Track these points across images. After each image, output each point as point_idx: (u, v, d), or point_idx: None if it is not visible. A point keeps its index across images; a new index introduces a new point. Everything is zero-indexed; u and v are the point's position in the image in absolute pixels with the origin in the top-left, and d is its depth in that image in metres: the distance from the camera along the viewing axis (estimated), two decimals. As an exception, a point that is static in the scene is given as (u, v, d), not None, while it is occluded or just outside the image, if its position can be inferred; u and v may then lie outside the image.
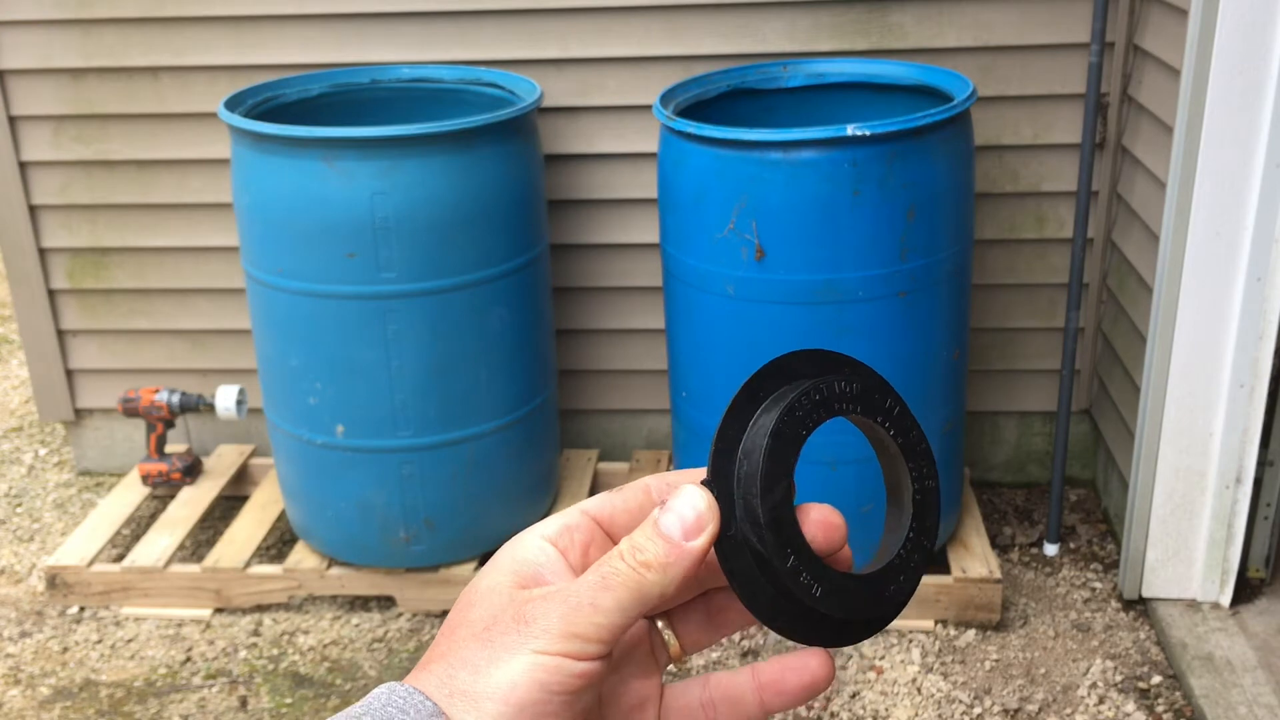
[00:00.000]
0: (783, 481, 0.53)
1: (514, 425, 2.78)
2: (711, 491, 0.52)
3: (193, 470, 3.20)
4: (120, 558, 3.02)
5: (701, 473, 0.55)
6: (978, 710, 2.51)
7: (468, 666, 0.50)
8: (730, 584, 0.53)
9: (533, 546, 0.54)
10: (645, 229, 3.05)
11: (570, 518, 0.55)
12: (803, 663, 0.55)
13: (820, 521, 0.55)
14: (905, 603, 0.56)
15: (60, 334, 3.34)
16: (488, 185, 2.58)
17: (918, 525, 0.57)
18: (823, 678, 0.55)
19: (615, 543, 0.54)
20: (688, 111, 2.63)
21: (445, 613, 2.84)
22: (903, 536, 0.57)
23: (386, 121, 2.83)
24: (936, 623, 2.75)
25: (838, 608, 0.53)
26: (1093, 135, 2.78)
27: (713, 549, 0.52)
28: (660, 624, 0.57)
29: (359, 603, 2.91)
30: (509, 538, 0.55)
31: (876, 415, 0.56)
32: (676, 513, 0.52)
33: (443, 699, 0.49)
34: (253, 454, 3.34)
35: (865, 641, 2.72)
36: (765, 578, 0.52)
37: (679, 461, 2.87)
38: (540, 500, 2.99)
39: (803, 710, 2.52)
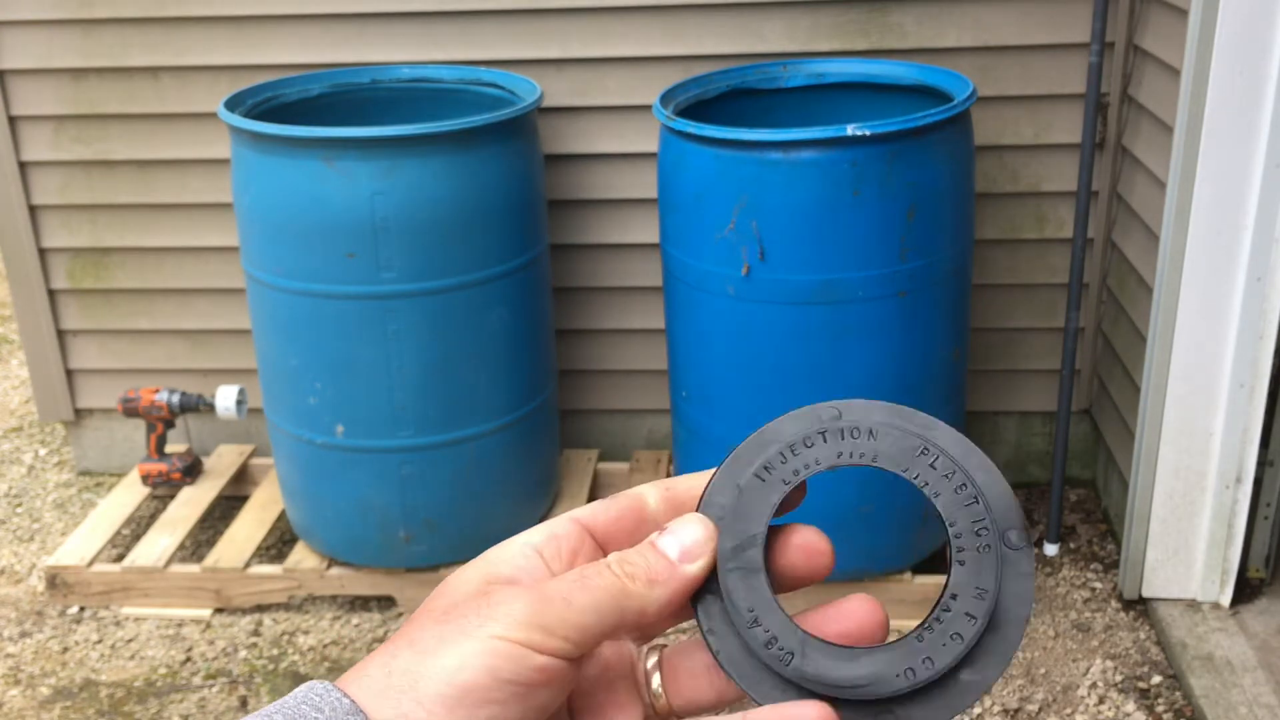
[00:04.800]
0: (755, 523, 0.50)
1: (514, 425, 2.78)
2: (710, 517, 0.50)
3: (193, 470, 3.20)
4: (120, 558, 3.02)
5: (705, 476, 0.53)
6: (977, 710, 2.51)
7: (415, 647, 0.47)
8: (697, 620, 0.50)
9: (513, 551, 0.51)
10: (645, 229, 3.05)
11: (558, 526, 0.52)
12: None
13: (802, 545, 0.51)
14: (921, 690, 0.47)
15: (60, 334, 3.34)
16: (488, 185, 2.59)
17: (944, 612, 0.49)
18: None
19: (605, 553, 0.52)
20: (688, 112, 2.63)
21: (445, 613, 2.85)
22: (918, 626, 0.49)
23: (387, 121, 2.83)
24: (936, 623, 2.75)
25: (799, 675, 0.48)
26: (1093, 135, 2.78)
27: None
28: (650, 662, 0.53)
29: (359, 603, 2.91)
30: (509, 537, 0.53)
31: (905, 469, 0.50)
32: (675, 535, 0.50)
33: (376, 687, 0.46)
34: (253, 454, 3.34)
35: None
36: (727, 622, 0.50)
37: (679, 461, 2.87)
38: (540, 500, 2.99)
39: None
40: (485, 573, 0.50)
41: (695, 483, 0.53)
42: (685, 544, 0.50)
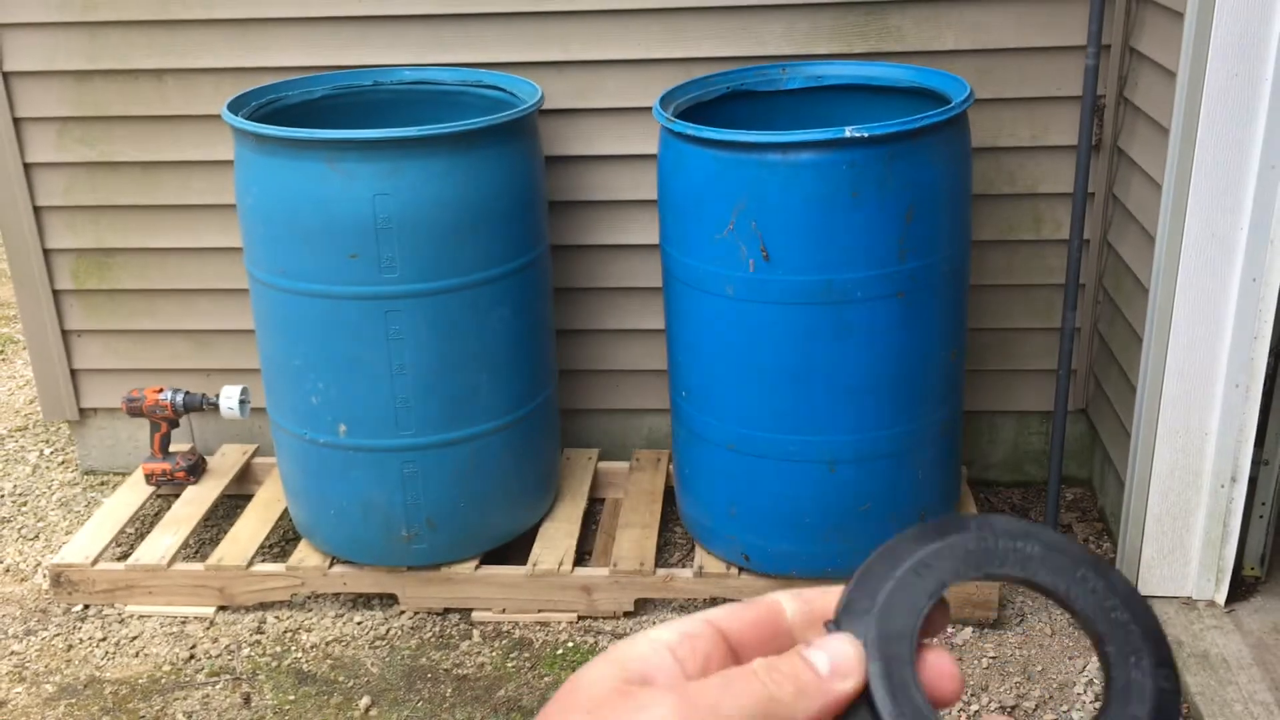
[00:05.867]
0: (906, 620, 0.48)
1: (515, 425, 2.80)
2: (841, 625, 0.49)
3: (196, 469, 3.23)
4: (124, 556, 3.04)
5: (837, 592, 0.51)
6: (975, 708, 2.53)
7: None
8: None
9: (645, 648, 0.49)
10: (645, 230, 3.07)
11: (692, 626, 0.50)
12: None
13: (933, 665, 0.49)
14: None
15: (64, 334, 3.36)
16: (489, 186, 2.61)
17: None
18: None
19: (738, 659, 0.50)
20: (687, 113, 2.65)
21: (447, 610, 2.87)
22: None
23: (388, 123, 2.85)
24: (934, 621, 2.76)
25: None
26: (1089, 137, 2.80)
27: None
28: None
29: (361, 601, 2.93)
30: (510, 536, 0.51)
31: (1060, 585, 0.49)
32: (825, 650, 0.48)
33: None
34: (256, 453, 3.37)
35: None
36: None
37: (679, 461, 2.89)
38: (541, 499, 3.01)
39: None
40: (619, 670, 0.48)
41: (834, 599, 0.51)
42: (836, 660, 0.47)
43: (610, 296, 3.20)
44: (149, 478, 3.20)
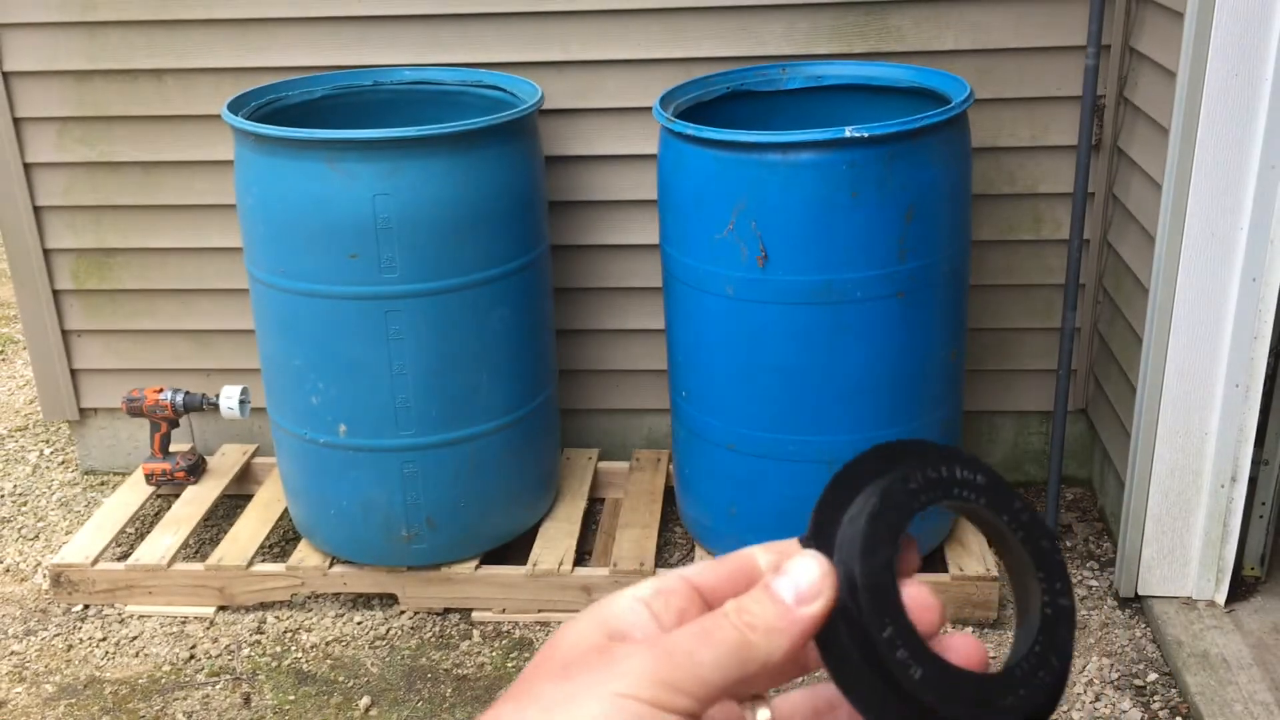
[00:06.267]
0: (886, 548, 0.48)
1: (515, 425, 2.80)
2: (816, 549, 0.49)
3: (196, 469, 3.23)
4: (124, 556, 3.04)
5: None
6: (975, 707, 2.53)
7: (540, 703, 0.45)
8: (821, 656, 0.49)
9: (623, 605, 0.50)
10: (645, 230, 3.07)
11: (666, 582, 0.51)
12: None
13: (913, 598, 0.49)
14: (1026, 717, 0.49)
15: (65, 334, 3.37)
16: (489, 186, 2.61)
17: (1045, 640, 0.50)
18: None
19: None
20: (687, 113, 2.65)
21: (447, 610, 2.87)
22: (1026, 649, 0.50)
23: (389, 123, 2.85)
24: (934, 620, 2.76)
25: (939, 697, 0.47)
26: (1089, 137, 2.80)
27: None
28: (763, 716, 0.52)
29: (361, 600, 2.93)
30: (510, 536, 0.51)
31: (1003, 514, 0.51)
32: (790, 577, 0.48)
33: None
34: (256, 453, 3.37)
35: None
36: (859, 652, 0.47)
37: (679, 461, 2.89)
38: (541, 499, 3.01)
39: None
40: (598, 626, 0.49)
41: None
42: (801, 586, 0.48)
43: (610, 296, 3.20)
44: (149, 478, 3.20)
